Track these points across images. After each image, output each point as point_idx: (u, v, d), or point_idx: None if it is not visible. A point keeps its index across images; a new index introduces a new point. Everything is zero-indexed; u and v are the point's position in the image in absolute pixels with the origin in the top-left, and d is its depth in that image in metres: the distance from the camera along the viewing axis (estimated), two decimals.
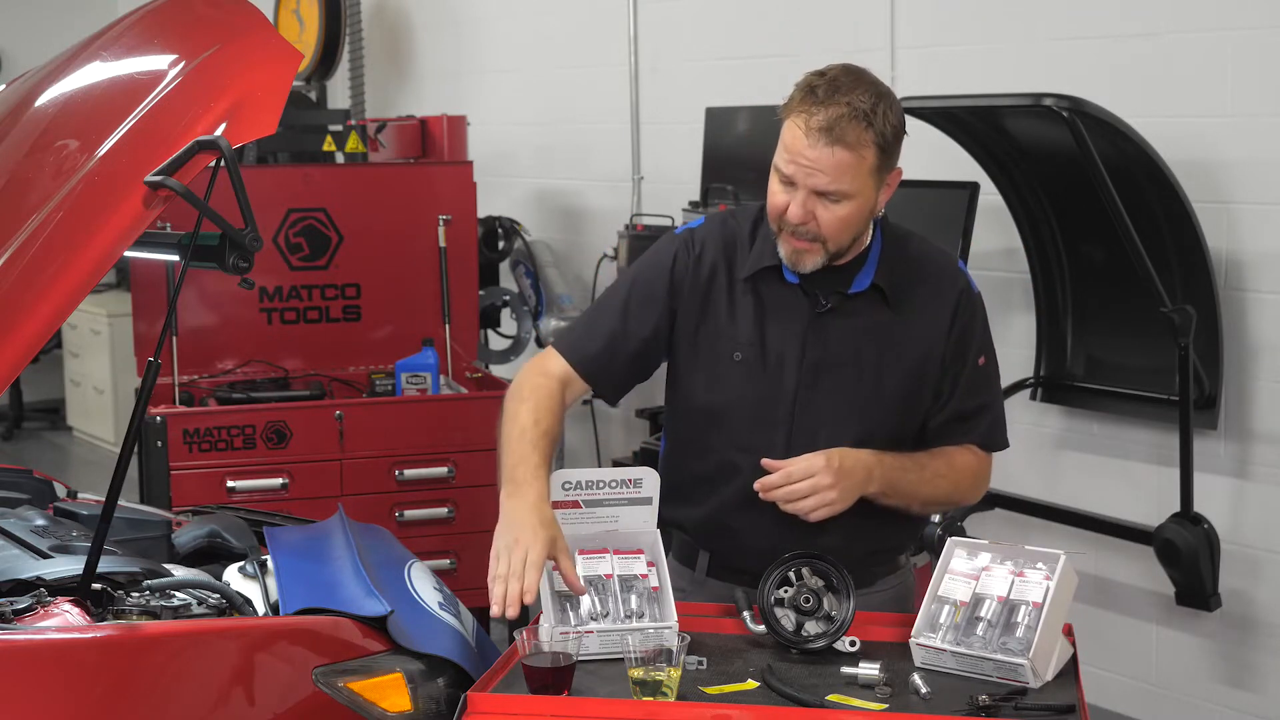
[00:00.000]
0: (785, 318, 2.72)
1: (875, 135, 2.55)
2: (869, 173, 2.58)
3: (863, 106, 2.54)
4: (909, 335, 2.71)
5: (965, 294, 2.75)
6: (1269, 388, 4.26)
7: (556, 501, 2.56)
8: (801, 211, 2.59)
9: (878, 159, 2.58)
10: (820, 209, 2.59)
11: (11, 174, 2.77)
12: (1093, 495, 4.63)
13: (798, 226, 2.61)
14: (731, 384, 2.73)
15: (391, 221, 5.40)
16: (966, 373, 2.76)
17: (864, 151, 2.55)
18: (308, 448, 4.83)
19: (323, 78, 7.41)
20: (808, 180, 2.57)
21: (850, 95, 2.55)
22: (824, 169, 2.55)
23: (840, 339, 2.70)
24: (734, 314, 2.74)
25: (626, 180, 6.32)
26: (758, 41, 5.64)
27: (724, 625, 2.61)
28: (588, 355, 2.76)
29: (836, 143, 2.54)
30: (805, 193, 2.59)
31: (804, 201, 2.59)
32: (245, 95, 2.68)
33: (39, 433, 9.29)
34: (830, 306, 2.70)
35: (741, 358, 2.72)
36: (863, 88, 2.57)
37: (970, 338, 2.75)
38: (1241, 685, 4.40)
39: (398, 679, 2.64)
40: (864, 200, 2.61)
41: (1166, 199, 4.14)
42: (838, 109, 2.54)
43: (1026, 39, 4.74)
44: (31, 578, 2.66)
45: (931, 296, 2.73)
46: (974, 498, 2.87)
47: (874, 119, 2.55)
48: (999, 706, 2.26)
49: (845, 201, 2.59)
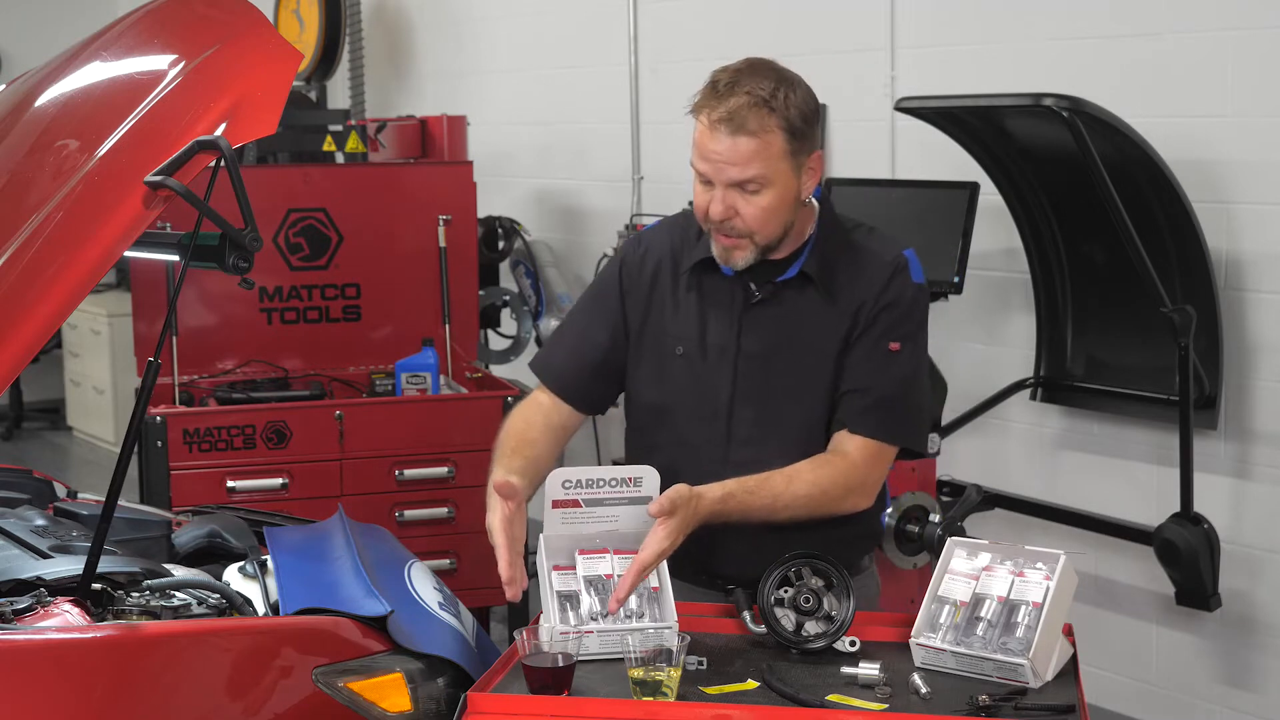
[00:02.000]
0: (722, 310, 2.74)
1: (779, 120, 2.57)
2: (779, 157, 2.59)
3: (762, 93, 2.57)
4: (838, 323, 2.69)
5: (897, 277, 2.69)
6: (1269, 388, 4.26)
7: (556, 500, 2.56)
8: (722, 208, 2.61)
9: (787, 143, 2.59)
10: (740, 202, 2.61)
11: (11, 174, 2.78)
12: (1093, 495, 4.63)
13: (722, 223, 2.63)
14: (674, 379, 2.76)
15: (391, 221, 5.40)
16: (867, 348, 2.68)
17: (768, 137, 2.57)
18: (308, 448, 4.83)
19: (323, 78, 7.41)
20: (720, 175, 2.60)
21: (750, 84, 2.57)
22: (731, 160, 2.58)
23: (774, 329, 2.71)
24: (677, 309, 2.77)
25: (626, 180, 6.32)
26: (758, 41, 5.63)
27: (724, 625, 2.61)
28: (557, 372, 2.84)
29: (739, 131, 2.56)
30: (722, 189, 2.61)
31: (722, 197, 2.61)
32: (245, 95, 2.68)
33: (39, 433, 9.29)
34: (762, 297, 2.71)
35: (683, 351, 2.75)
36: (763, 76, 2.59)
37: (888, 315, 2.68)
38: (1241, 685, 4.40)
39: (398, 679, 2.64)
40: (783, 188, 2.61)
41: (1166, 199, 4.14)
42: (737, 99, 2.57)
43: (1026, 39, 4.74)
44: (31, 578, 2.66)
45: (860, 279, 2.70)
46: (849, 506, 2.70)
47: (775, 103, 2.57)
48: (999, 706, 2.26)
49: (764, 191, 2.60)
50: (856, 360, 2.69)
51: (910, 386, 2.74)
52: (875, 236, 2.78)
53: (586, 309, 2.88)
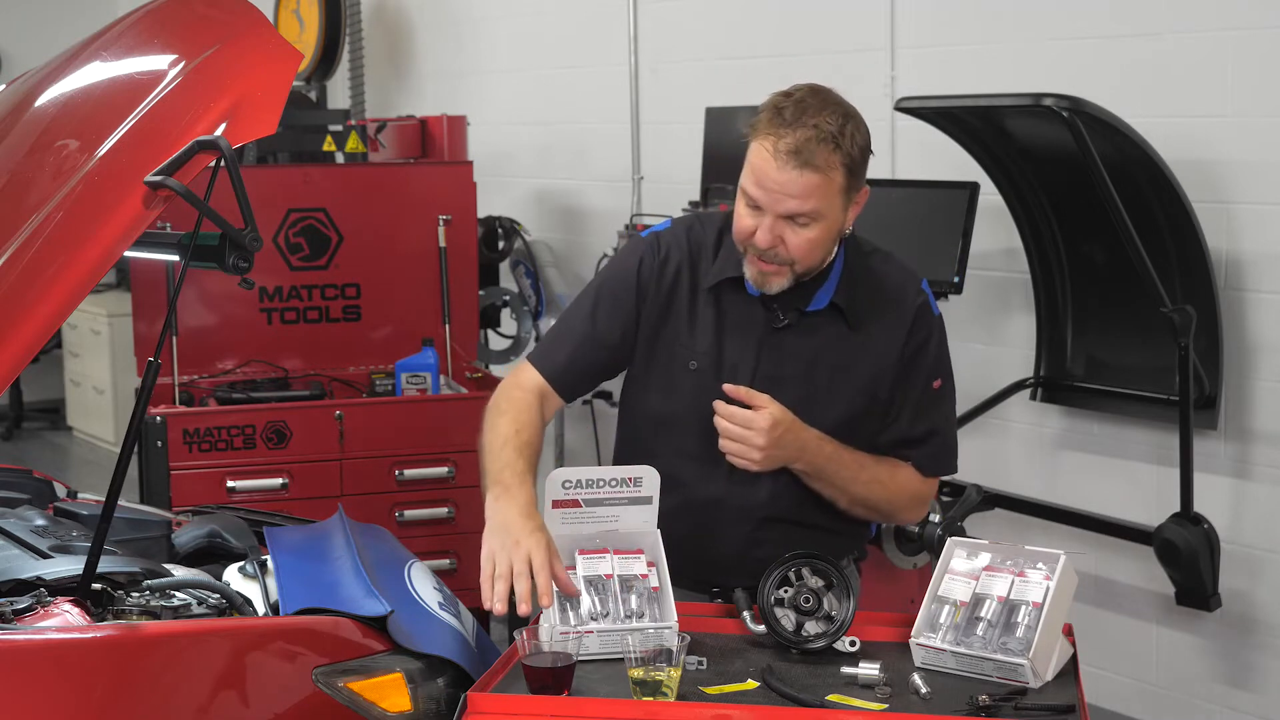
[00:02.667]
0: (742, 330, 2.73)
1: (843, 156, 2.56)
2: (837, 193, 2.59)
3: (830, 129, 2.54)
4: (864, 354, 2.72)
5: (923, 313, 2.74)
6: (1269, 388, 4.26)
7: (556, 500, 2.56)
8: (770, 237, 2.60)
9: (846, 180, 2.58)
10: (788, 233, 2.59)
11: (11, 174, 2.77)
12: (1093, 495, 4.63)
13: (765, 251, 2.61)
14: (684, 392, 2.74)
15: (391, 221, 5.40)
16: (916, 394, 2.75)
17: (832, 174, 2.56)
18: (308, 448, 4.83)
19: (323, 78, 7.41)
20: (776, 206, 2.57)
21: (818, 118, 2.55)
22: (792, 193, 2.55)
23: (794, 355, 2.71)
24: (694, 323, 2.75)
25: (626, 180, 6.32)
26: (758, 41, 5.64)
27: (724, 625, 2.61)
28: (558, 366, 2.79)
29: (805, 166, 2.54)
30: (773, 218, 2.59)
31: (771, 226, 2.59)
32: (245, 95, 2.68)
33: (39, 433, 9.29)
34: (787, 323, 2.71)
35: (696, 367, 2.74)
36: (830, 109, 2.57)
37: (924, 358, 2.74)
38: (1241, 685, 4.40)
39: (398, 679, 2.64)
40: (832, 222, 2.61)
41: (1166, 199, 4.14)
42: (805, 131, 2.53)
43: (1026, 39, 4.74)
44: (31, 578, 2.66)
45: (888, 315, 2.73)
46: (910, 517, 2.89)
47: (842, 140, 2.55)
48: (999, 706, 2.26)
49: (814, 225, 2.59)
50: (912, 408, 2.75)
51: (954, 418, 2.87)
52: (894, 265, 2.79)
53: (597, 305, 2.80)
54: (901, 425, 2.76)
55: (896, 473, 2.76)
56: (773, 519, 2.75)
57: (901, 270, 2.79)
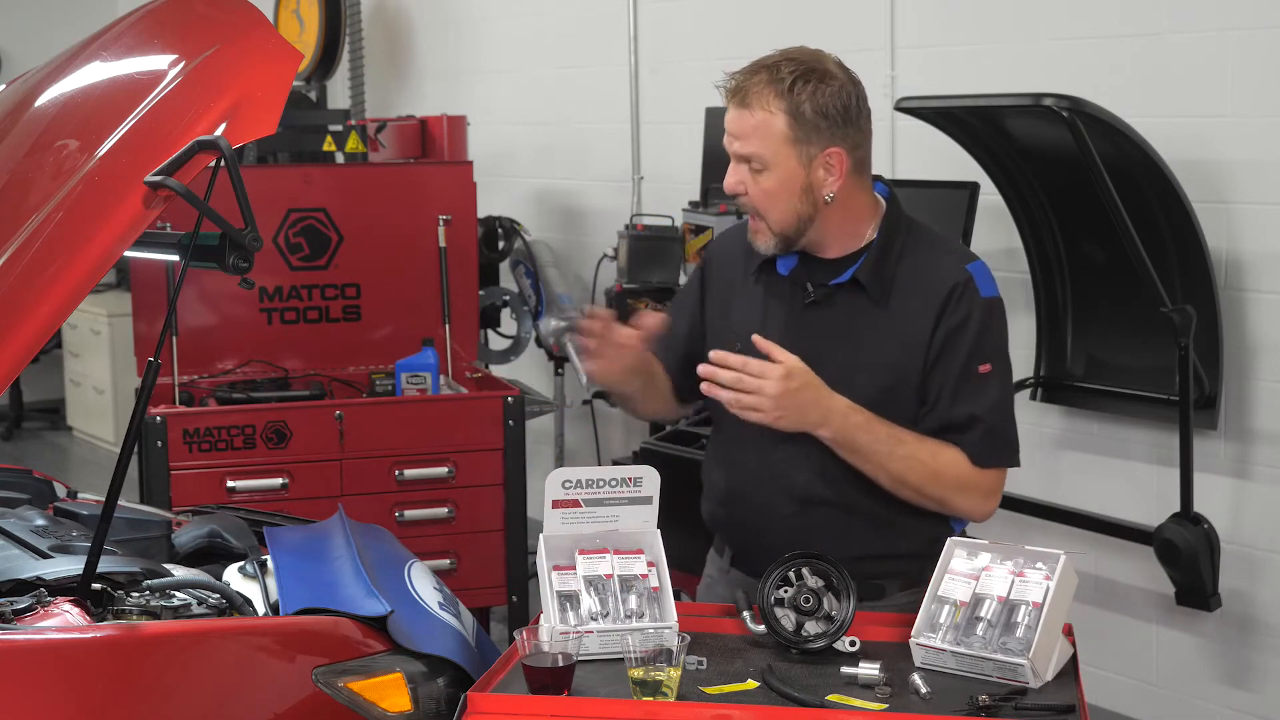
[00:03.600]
0: (778, 309, 2.76)
1: (786, 103, 2.60)
2: (781, 141, 2.62)
3: (779, 75, 2.61)
4: (890, 330, 2.69)
5: (963, 292, 2.67)
6: (1269, 388, 4.26)
7: (556, 500, 2.56)
8: (732, 180, 2.69)
9: (790, 129, 2.61)
10: (749, 181, 2.67)
11: (11, 174, 2.77)
12: (1093, 495, 4.63)
13: (735, 199, 2.70)
14: None
15: (391, 221, 5.40)
16: (955, 376, 2.67)
17: (769, 116, 2.61)
18: (308, 448, 4.83)
19: (323, 78, 7.41)
20: (731, 147, 2.68)
21: (773, 64, 2.63)
22: (733, 131, 2.66)
23: (823, 332, 2.71)
24: (741, 305, 2.81)
25: (626, 180, 6.32)
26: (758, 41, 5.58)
27: (724, 625, 2.61)
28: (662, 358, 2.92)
29: (742, 105, 2.64)
30: (734, 161, 2.68)
31: (733, 170, 2.68)
32: (245, 95, 2.68)
33: (39, 433, 9.29)
34: (814, 299, 2.73)
35: (740, 348, 2.74)
36: (793, 64, 2.63)
37: (962, 338, 2.66)
38: (1241, 685, 4.40)
39: (398, 679, 2.64)
40: (786, 174, 2.64)
41: (1166, 199, 4.14)
42: (756, 75, 2.63)
43: (1026, 39, 4.74)
44: (31, 578, 2.66)
45: (918, 292, 2.69)
46: (965, 505, 2.72)
47: (787, 88, 2.60)
48: (999, 706, 2.26)
49: (765, 173, 2.65)
50: (951, 390, 2.67)
51: (1010, 407, 2.74)
52: (941, 248, 2.76)
53: (676, 304, 3.00)
54: (941, 408, 2.68)
55: (940, 453, 2.67)
56: (814, 501, 2.72)
57: (942, 249, 2.76)
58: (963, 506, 2.73)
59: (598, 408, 6.19)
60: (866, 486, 2.70)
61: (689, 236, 5.21)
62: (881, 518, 2.73)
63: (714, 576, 2.92)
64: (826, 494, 2.72)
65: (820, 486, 2.72)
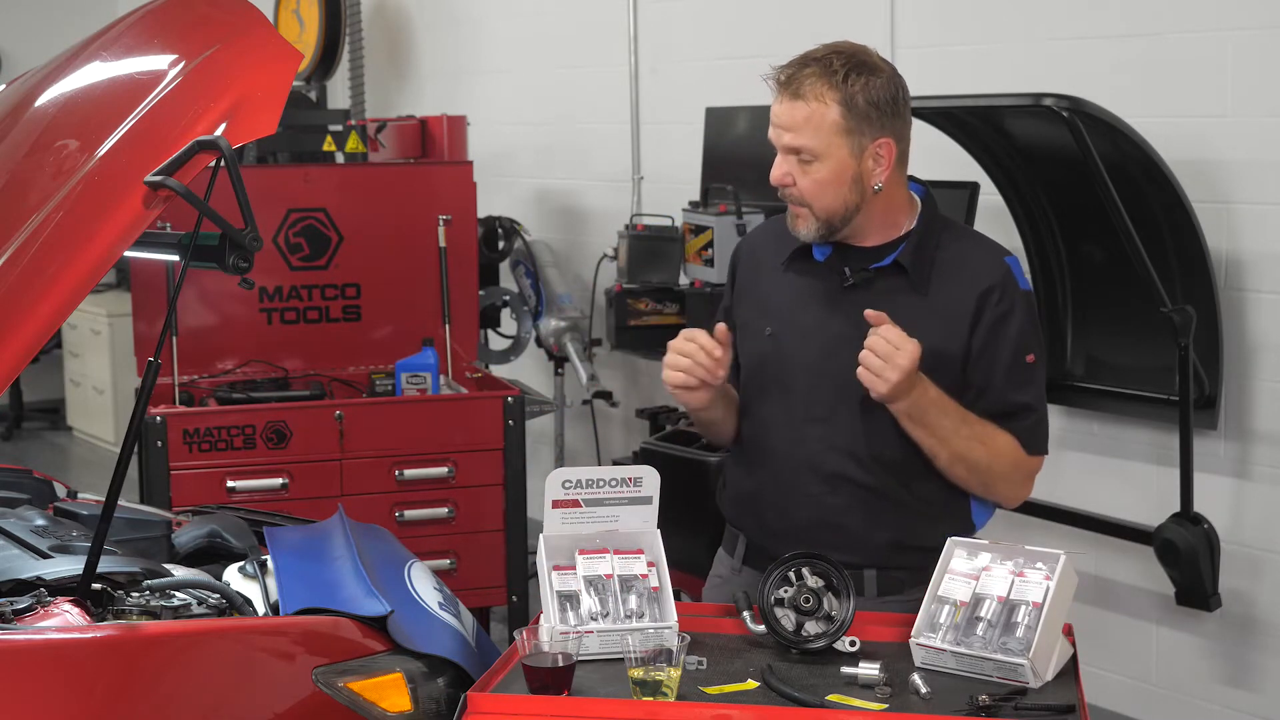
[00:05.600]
0: (813, 294, 2.78)
1: (840, 94, 2.62)
2: (834, 132, 2.64)
3: (832, 67, 2.64)
4: (931, 316, 2.71)
5: (1002, 286, 2.72)
6: (1269, 388, 4.26)
7: (556, 500, 2.56)
8: (779, 173, 2.70)
9: (844, 119, 2.63)
10: (797, 172, 2.68)
11: (11, 174, 2.77)
12: (1093, 495, 4.63)
13: (781, 190, 2.71)
14: (761, 358, 2.81)
15: (391, 221, 5.40)
16: (1006, 365, 2.72)
17: (824, 108, 2.63)
18: (308, 448, 4.83)
19: (323, 78, 7.41)
20: (779, 139, 2.69)
21: (824, 57, 2.66)
22: (785, 124, 2.66)
23: (862, 315, 2.69)
24: (772, 293, 2.84)
25: (626, 180, 6.32)
26: (758, 41, 5.63)
27: (724, 625, 2.61)
28: None
29: (795, 96, 2.64)
30: (782, 154, 2.69)
31: (780, 163, 2.69)
32: (245, 95, 2.68)
33: (39, 433, 9.29)
34: (854, 282, 2.74)
35: (772, 332, 2.80)
36: (843, 56, 2.66)
37: (1008, 329, 2.72)
38: (1241, 685, 4.40)
39: (398, 679, 2.64)
40: (838, 164, 2.66)
41: (1166, 199, 4.14)
42: (807, 67, 2.65)
43: (1026, 39, 4.74)
44: (31, 578, 2.66)
45: (958, 281, 2.73)
46: (1007, 492, 2.80)
47: (840, 79, 2.63)
48: (999, 706, 2.26)
49: (817, 164, 2.66)
50: (1004, 379, 2.72)
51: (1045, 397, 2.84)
52: (977, 241, 2.86)
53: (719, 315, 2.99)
54: (995, 397, 2.72)
55: (997, 436, 2.72)
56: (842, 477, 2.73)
57: (979, 242, 2.86)
58: (1004, 492, 2.81)
59: (598, 408, 6.19)
60: (897, 471, 2.74)
61: (689, 236, 5.21)
62: (910, 506, 2.76)
63: (724, 576, 2.92)
64: (858, 474, 2.74)
65: (852, 467, 2.74)
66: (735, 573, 2.88)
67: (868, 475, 2.73)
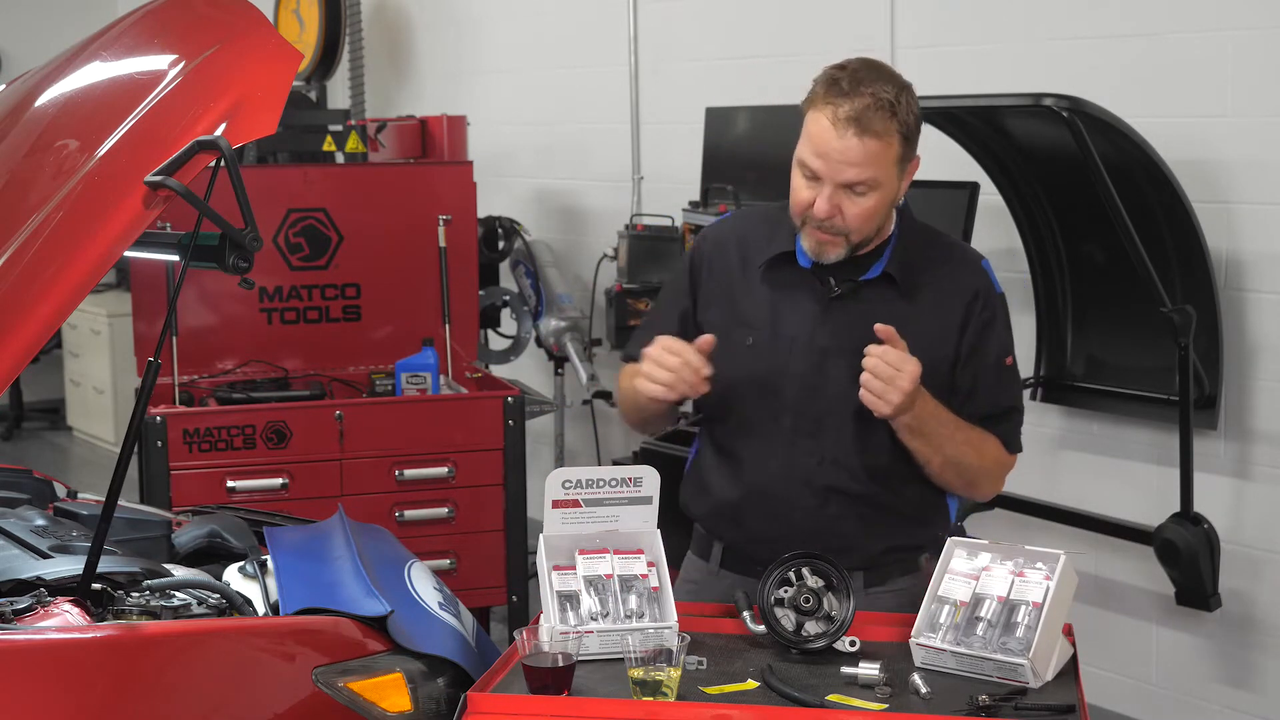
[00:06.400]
0: (797, 303, 2.76)
1: (899, 124, 2.60)
2: (893, 162, 2.62)
3: (887, 97, 2.58)
4: (919, 325, 2.71)
5: (985, 291, 2.76)
6: (1269, 388, 4.26)
7: (556, 500, 2.56)
8: (829, 206, 2.63)
9: (901, 148, 2.62)
10: (846, 202, 2.63)
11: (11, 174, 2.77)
12: (1093, 495, 4.63)
13: (823, 221, 2.64)
14: (742, 368, 2.77)
15: (391, 221, 5.40)
16: (992, 371, 2.77)
17: (890, 140, 2.60)
18: (308, 448, 4.83)
19: (323, 78, 7.41)
20: (836, 174, 2.60)
21: (874, 86, 2.59)
22: (852, 160, 2.59)
23: (850, 325, 2.71)
24: (749, 300, 2.79)
25: (626, 180, 6.32)
26: (758, 41, 5.64)
27: (724, 625, 2.61)
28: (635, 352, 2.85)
29: (865, 133, 2.57)
30: (831, 187, 2.62)
31: (830, 196, 2.62)
32: (245, 95, 2.68)
33: (39, 433, 9.29)
34: (841, 293, 2.73)
35: (753, 342, 2.77)
36: (884, 79, 2.62)
37: (993, 333, 2.76)
38: (1241, 685, 4.40)
39: (398, 679, 2.64)
40: (888, 191, 2.65)
41: (1166, 199, 4.14)
42: (863, 99, 2.57)
43: (1026, 39, 4.74)
44: (31, 578, 2.66)
45: (945, 288, 2.75)
46: (988, 490, 2.86)
47: (898, 109, 2.59)
48: (999, 706, 2.26)
49: (871, 193, 2.63)
50: (991, 383, 2.77)
51: None
52: (955, 245, 2.86)
53: (662, 305, 2.97)
54: (982, 400, 2.77)
55: (986, 439, 2.77)
56: (834, 490, 2.74)
57: (958, 245, 2.87)
58: (986, 489, 2.85)
59: (598, 408, 6.19)
60: (887, 479, 2.75)
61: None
62: (899, 510, 2.78)
63: (697, 580, 2.89)
64: (851, 485, 2.74)
65: (845, 479, 2.74)
66: (713, 575, 2.86)
67: (860, 485, 2.74)
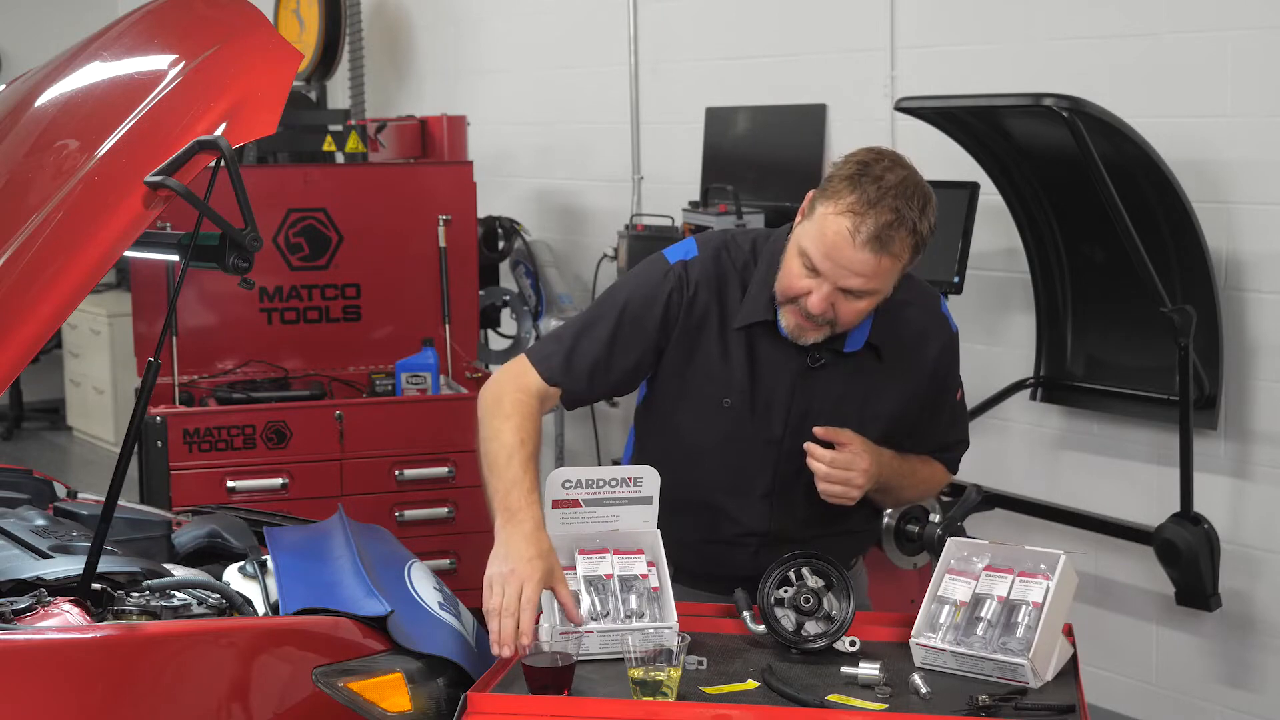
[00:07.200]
0: (776, 370, 2.73)
1: (916, 240, 2.56)
2: (900, 271, 2.61)
3: (912, 216, 2.52)
4: (892, 385, 2.77)
5: (949, 339, 2.83)
6: (1269, 388, 4.26)
7: (556, 500, 2.56)
8: (824, 305, 2.58)
9: (910, 259, 2.61)
10: (842, 303, 2.59)
11: (11, 174, 2.77)
12: (1093, 495, 4.63)
13: (811, 312, 2.60)
14: (718, 429, 2.74)
15: (391, 221, 5.40)
16: (950, 406, 2.89)
17: (904, 255, 2.57)
18: (308, 448, 4.83)
19: (323, 78, 7.41)
20: (840, 280, 2.55)
21: (900, 201, 2.51)
22: (862, 272, 2.54)
23: (826, 390, 2.74)
24: (725, 360, 2.72)
25: (626, 180, 6.32)
26: (758, 41, 5.64)
27: (724, 625, 2.61)
28: (569, 378, 2.71)
29: (883, 251, 2.52)
30: (831, 288, 2.57)
31: (828, 295, 2.58)
32: (245, 95, 2.68)
33: (39, 433, 9.29)
34: (824, 362, 2.73)
35: (730, 404, 2.73)
36: (910, 191, 2.54)
37: (951, 377, 2.86)
38: (1241, 685, 4.40)
39: (398, 679, 2.64)
40: (886, 292, 2.63)
41: (1166, 199, 4.14)
42: (887, 215, 2.50)
43: (1026, 39, 4.74)
44: (31, 578, 2.66)
45: (919, 349, 2.79)
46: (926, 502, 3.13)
47: (920, 226, 2.55)
48: (999, 706, 2.26)
49: (869, 298, 2.60)
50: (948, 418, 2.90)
51: None
52: (917, 291, 2.79)
53: (617, 332, 2.71)
54: (940, 433, 2.90)
55: (934, 471, 2.92)
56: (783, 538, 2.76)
57: (925, 294, 2.82)
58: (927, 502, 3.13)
59: (598, 408, 6.19)
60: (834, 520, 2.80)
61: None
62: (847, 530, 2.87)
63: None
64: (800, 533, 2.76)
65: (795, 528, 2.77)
66: None
67: (808, 531, 2.77)
